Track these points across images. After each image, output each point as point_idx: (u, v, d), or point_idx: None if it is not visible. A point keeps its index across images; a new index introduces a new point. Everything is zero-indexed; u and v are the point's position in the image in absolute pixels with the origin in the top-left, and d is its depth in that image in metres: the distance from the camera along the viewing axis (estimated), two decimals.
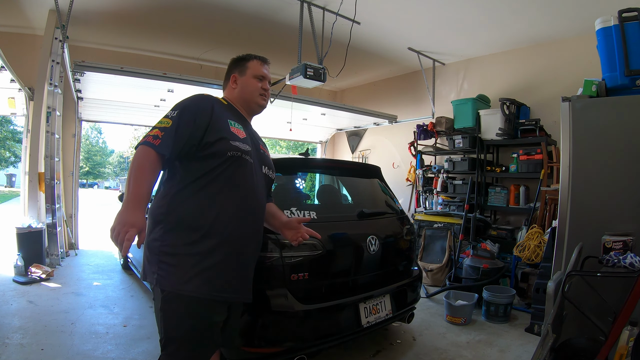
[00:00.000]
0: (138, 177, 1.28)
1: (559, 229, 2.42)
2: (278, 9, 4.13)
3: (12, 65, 4.09)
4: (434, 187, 5.29)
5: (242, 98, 1.61)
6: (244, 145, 1.46)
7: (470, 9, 3.94)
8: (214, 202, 1.38)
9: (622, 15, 2.29)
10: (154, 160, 1.31)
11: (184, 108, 1.40)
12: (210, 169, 1.39)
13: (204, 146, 1.39)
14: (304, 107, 5.16)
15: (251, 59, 1.64)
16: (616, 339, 1.70)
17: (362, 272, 2.35)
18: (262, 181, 1.56)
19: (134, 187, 1.26)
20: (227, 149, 1.41)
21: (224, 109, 1.51)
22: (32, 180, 4.45)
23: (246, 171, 1.45)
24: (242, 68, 1.62)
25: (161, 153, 1.31)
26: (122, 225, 1.18)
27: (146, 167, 1.29)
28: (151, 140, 1.31)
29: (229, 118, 1.48)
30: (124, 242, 1.16)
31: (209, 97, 1.49)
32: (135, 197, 1.24)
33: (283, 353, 1.98)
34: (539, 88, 4.64)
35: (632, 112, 2.22)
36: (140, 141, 1.34)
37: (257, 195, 1.51)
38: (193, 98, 1.46)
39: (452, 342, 2.86)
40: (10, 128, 21.07)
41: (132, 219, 1.19)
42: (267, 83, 1.66)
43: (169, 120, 1.36)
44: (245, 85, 1.60)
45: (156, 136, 1.32)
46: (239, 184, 1.43)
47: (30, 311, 3.10)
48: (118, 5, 4.17)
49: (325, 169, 2.99)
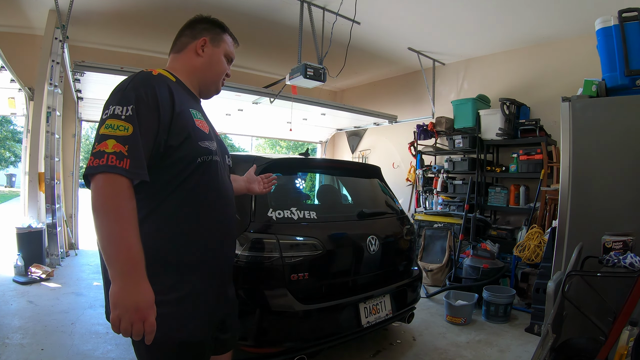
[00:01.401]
0: (122, 231, 0.89)
1: (559, 229, 2.42)
2: (278, 8, 4.13)
3: (12, 65, 4.09)
4: (434, 187, 5.28)
5: (204, 75, 1.23)
6: (211, 143, 1.13)
7: (471, 9, 3.94)
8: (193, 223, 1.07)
9: (622, 15, 2.28)
10: (129, 193, 0.92)
11: (140, 100, 0.98)
12: (177, 184, 1.04)
13: (165, 153, 1.02)
14: (304, 107, 5.16)
15: (227, 32, 1.29)
16: (616, 339, 1.70)
17: (362, 272, 2.35)
18: (228, 179, 1.28)
19: (120, 246, 0.88)
20: (197, 153, 1.07)
21: (178, 90, 1.11)
22: (32, 180, 4.45)
23: (217, 177, 1.15)
24: (216, 36, 1.25)
25: (141, 180, 0.94)
26: (130, 313, 0.86)
27: (124, 209, 0.90)
28: (115, 161, 0.89)
29: (188, 106, 1.11)
30: (147, 336, 0.88)
31: (163, 78, 1.09)
32: (129, 262, 0.88)
33: (283, 353, 1.98)
34: (539, 88, 4.64)
35: (632, 112, 2.22)
36: (95, 163, 0.90)
37: (230, 201, 1.23)
38: (142, 79, 1.04)
39: (452, 342, 2.86)
40: (10, 128, 21.06)
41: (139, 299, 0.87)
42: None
43: (125, 123, 0.94)
44: (216, 61, 1.24)
45: (120, 154, 0.90)
46: (214, 199, 1.13)
47: (30, 311, 3.10)
48: (118, 5, 4.17)
49: (325, 169, 2.99)
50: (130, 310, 0.86)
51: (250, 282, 1.96)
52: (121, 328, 0.87)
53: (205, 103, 1.32)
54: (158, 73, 1.09)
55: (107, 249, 0.89)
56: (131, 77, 1.05)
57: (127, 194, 0.91)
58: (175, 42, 1.26)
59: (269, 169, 2.22)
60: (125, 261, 0.88)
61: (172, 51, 1.26)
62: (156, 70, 1.10)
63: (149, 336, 0.89)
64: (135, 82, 1.02)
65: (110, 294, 0.88)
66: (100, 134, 0.94)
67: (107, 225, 0.89)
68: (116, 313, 0.87)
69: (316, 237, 2.10)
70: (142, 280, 0.90)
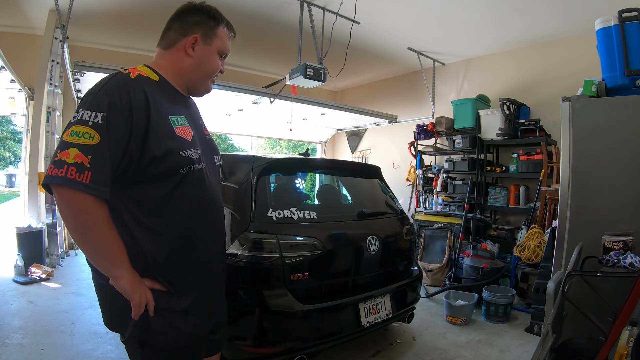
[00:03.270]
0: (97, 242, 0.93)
1: (559, 229, 2.42)
2: (278, 8, 4.13)
3: (12, 65, 4.09)
4: (434, 187, 5.29)
5: (193, 76, 1.14)
6: (195, 150, 1.06)
7: (471, 9, 3.94)
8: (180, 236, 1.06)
9: (622, 15, 2.28)
10: (95, 208, 0.89)
11: (112, 106, 0.91)
12: (161, 196, 1.01)
13: (145, 167, 0.97)
14: (304, 107, 5.16)
15: (222, 23, 1.15)
16: (616, 339, 1.70)
17: (362, 272, 2.35)
18: (217, 180, 1.23)
19: (100, 256, 0.96)
20: (179, 164, 1.01)
21: (157, 92, 1.03)
22: (32, 180, 4.45)
23: (205, 186, 1.10)
24: (209, 32, 1.12)
25: (100, 197, 0.90)
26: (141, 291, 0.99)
27: (96, 224, 0.91)
28: (75, 174, 0.85)
29: (169, 111, 1.03)
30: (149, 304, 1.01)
31: (140, 80, 1.00)
32: (115, 263, 0.96)
33: (283, 353, 1.98)
34: (539, 88, 4.64)
35: (632, 112, 2.22)
36: (54, 173, 0.86)
37: (218, 200, 1.20)
38: (118, 83, 0.96)
39: (452, 342, 2.86)
40: (10, 128, 21.05)
41: (132, 285, 0.98)
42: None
43: (91, 131, 0.88)
44: (207, 61, 1.13)
45: (81, 165, 0.85)
46: (202, 208, 1.10)
47: (30, 311, 3.10)
48: (118, 5, 4.17)
49: (325, 169, 2.99)
50: (139, 290, 0.99)
51: (250, 282, 1.96)
52: (140, 304, 0.98)
53: (204, 103, 1.27)
54: (137, 74, 1.01)
55: (104, 260, 0.98)
56: (107, 78, 0.98)
57: (95, 207, 0.90)
58: (163, 35, 1.15)
59: (269, 169, 2.22)
60: (119, 264, 0.97)
61: (159, 45, 1.16)
62: (135, 71, 1.03)
63: (152, 305, 1.01)
64: (110, 85, 0.95)
65: (120, 289, 0.98)
66: (63, 140, 0.89)
67: (93, 241, 0.94)
68: (137, 295, 0.98)
69: (316, 237, 2.10)
70: (134, 270, 1.00)
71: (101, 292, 1.10)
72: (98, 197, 0.90)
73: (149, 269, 1.03)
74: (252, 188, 2.07)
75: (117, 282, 0.98)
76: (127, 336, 1.05)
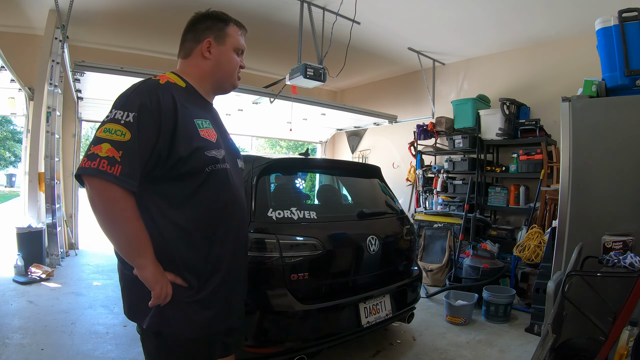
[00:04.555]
0: (123, 231, 0.99)
1: (559, 229, 2.42)
2: (278, 8, 4.13)
3: (12, 65, 4.09)
4: (434, 187, 5.29)
5: (216, 76, 1.21)
6: (219, 151, 1.13)
7: (470, 9, 3.94)
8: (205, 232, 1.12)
9: (622, 15, 2.28)
10: (123, 199, 0.96)
11: (142, 107, 0.99)
12: (188, 193, 1.07)
13: (173, 165, 1.03)
14: (304, 107, 5.16)
15: (230, 23, 1.22)
16: (616, 339, 1.70)
17: (362, 272, 2.35)
18: (240, 180, 1.27)
19: (125, 244, 1.02)
20: (204, 163, 1.08)
21: (183, 97, 1.10)
22: (32, 180, 4.45)
23: (228, 185, 1.16)
24: (220, 33, 1.19)
25: (128, 189, 0.96)
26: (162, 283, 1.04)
27: (123, 214, 0.97)
28: (107, 167, 0.92)
29: (194, 115, 1.11)
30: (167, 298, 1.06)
31: (169, 86, 1.09)
32: (139, 253, 1.02)
33: (283, 353, 1.98)
34: (539, 88, 4.64)
35: (632, 112, 2.22)
36: (87, 165, 0.93)
37: (242, 201, 1.25)
38: (149, 87, 1.05)
39: (452, 342, 2.86)
40: (10, 128, 21.05)
41: (154, 277, 1.03)
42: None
43: (123, 128, 0.95)
44: (225, 60, 1.20)
45: (112, 159, 0.92)
46: (226, 207, 1.15)
47: (30, 311, 3.10)
48: (118, 5, 4.17)
49: (325, 169, 2.99)
50: (160, 281, 1.03)
51: (250, 282, 1.96)
52: (160, 296, 1.03)
53: None
54: (166, 81, 1.10)
55: (128, 249, 1.02)
56: (138, 83, 1.07)
57: (123, 198, 0.96)
58: (181, 47, 1.24)
59: (269, 169, 2.22)
60: (143, 253, 1.02)
61: (179, 56, 1.24)
62: (164, 77, 1.11)
63: (168, 298, 1.05)
64: (141, 89, 1.03)
65: (143, 279, 1.03)
66: (97, 136, 0.97)
67: (119, 230, 1.00)
68: (159, 286, 1.03)
69: (316, 237, 2.10)
70: (157, 262, 1.04)
71: (124, 281, 1.16)
72: (126, 189, 0.96)
73: (173, 262, 1.08)
74: (252, 188, 2.07)
75: (141, 271, 1.03)
76: (145, 326, 1.09)
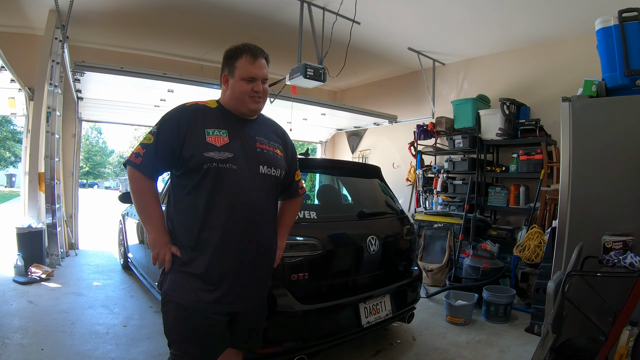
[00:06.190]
0: (138, 202, 1.40)
1: (559, 229, 2.42)
2: (278, 9, 4.13)
3: (12, 65, 4.09)
4: (434, 187, 5.29)
5: (233, 101, 1.47)
6: (222, 153, 1.37)
7: (470, 9, 3.94)
8: (198, 217, 1.37)
9: (622, 15, 2.28)
10: (141, 180, 1.38)
11: (163, 123, 1.40)
12: (192, 184, 1.38)
13: (183, 162, 1.38)
14: (304, 107, 5.16)
15: (240, 57, 1.45)
16: (616, 339, 1.70)
17: (362, 272, 2.35)
18: (260, 183, 1.45)
19: (147, 214, 1.40)
20: (202, 161, 1.35)
21: (208, 115, 1.43)
22: (32, 180, 4.45)
23: (231, 179, 1.38)
24: (231, 68, 1.46)
25: (145, 174, 1.37)
26: (158, 248, 1.37)
27: (139, 190, 1.38)
28: (134, 158, 1.37)
29: (208, 126, 1.40)
30: (166, 264, 1.38)
31: (192, 107, 1.44)
32: (152, 222, 1.39)
33: (283, 353, 1.98)
34: (539, 88, 4.64)
35: (632, 112, 2.22)
36: (128, 157, 1.40)
37: (251, 199, 1.42)
38: (175, 110, 1.44)
39: (452, 342, 2.86)
40: (10, 128, 21.06)
41: (159, 242, 1.37)
42: (260, 83, 1.46)
43: (150, 136, 1.38)
44: (234, 88, 1.45)
45: (138, 154, 1.37)
46: (223, 195, 1.37)
47: (30, 311, 3.10)
48: (118, 5, 4.17)
49: (325, 169, 2.99)
50: (158, 247, 1.38)
51: None
52: (155, 258, 1.38)
53: None
54: (192, 104, 1.45)
55: (141, 216, 1.42)
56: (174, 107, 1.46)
57: (140, 181, 1.37)
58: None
59: None
60: (149, 222, 1.40)
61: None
62: (199, 102, 1.47)
63: (167, 264, 1.38)
64: (173, 110, 1.44)
65: (148, 242, 1.41)
66: (140, 141, 1.43)
67: (136, 202, 1.40)
68: (156, 250, 1.38)
69: (316, 237, 2.11)
70: (161, 232, 1.39)
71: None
72: (144, 174, 1.37)
73: (176, 237, 1.40)
74: None
75: (148, 235, 1.40)
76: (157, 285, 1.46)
